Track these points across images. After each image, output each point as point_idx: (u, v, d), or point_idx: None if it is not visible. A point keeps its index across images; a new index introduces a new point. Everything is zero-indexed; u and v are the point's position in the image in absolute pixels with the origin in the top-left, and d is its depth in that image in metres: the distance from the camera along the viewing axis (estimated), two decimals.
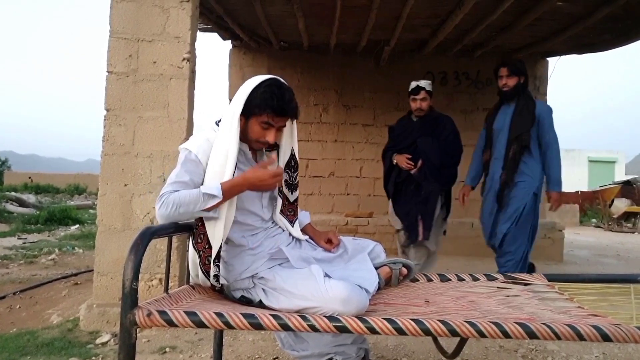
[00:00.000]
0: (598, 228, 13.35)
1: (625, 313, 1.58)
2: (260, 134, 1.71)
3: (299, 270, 1.72)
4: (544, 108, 3.34)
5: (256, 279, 1.72)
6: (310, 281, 1.62)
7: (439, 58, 6.53)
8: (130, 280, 1.46)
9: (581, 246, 8.46)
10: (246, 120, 1.71)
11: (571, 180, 20.54)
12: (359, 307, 1.57)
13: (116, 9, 3.20)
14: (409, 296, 1.85)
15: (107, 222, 3.19)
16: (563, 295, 1.77)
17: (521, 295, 1.77)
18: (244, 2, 4.57)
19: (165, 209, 1.59)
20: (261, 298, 1.70)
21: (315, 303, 1.57)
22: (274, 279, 1.69)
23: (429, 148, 3.57)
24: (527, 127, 3.25)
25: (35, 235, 8.59)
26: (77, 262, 5.98)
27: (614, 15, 4.80)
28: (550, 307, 1.58)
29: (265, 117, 1.67)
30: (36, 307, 4.03)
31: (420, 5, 4.61)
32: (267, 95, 1.66)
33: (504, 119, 3.41)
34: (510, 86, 3.33)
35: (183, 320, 1.42)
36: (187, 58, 3.19)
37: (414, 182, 3.61)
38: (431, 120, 3.66)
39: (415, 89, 3.59)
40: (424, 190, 3.57)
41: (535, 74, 6.76)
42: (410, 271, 2.01)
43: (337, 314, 1.53)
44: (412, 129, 3.69)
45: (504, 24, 5.26)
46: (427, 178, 3.56)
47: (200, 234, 1.70)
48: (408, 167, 3.57)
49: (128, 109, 3.19)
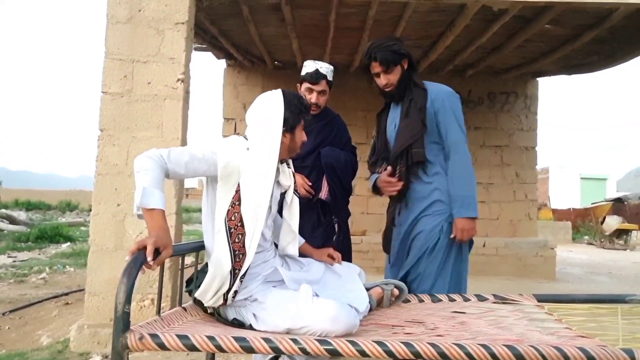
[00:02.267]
0: (591, 245, 13.44)
1: (613, 334, 1.60)
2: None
3: (290, 292, 1.73)
4: (440, 93, 2.27)
5: (249, 301, 1.72)
6: (299, 301, 1.63)
7: (430, 77, 6.49)
8: (122, 303, 1.46)
9: (574, 264, 8.51)
10: (291, 134, 1.80)
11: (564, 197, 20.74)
12: (348, 326, 1.57)
13: (112, 30, 3.25)
14: (400, 317, 1.87)
15: (100, 242, 3.18)
16: (552, 316, 1.79)
17: (511, 316, 1.79)
18: (238, 23, 4.65)
19: (143, 161, 1.59)
20: (251, 322, 1.70)
21: (303, 322, 1.57)
22: (265, 301, 1.69)
23: (338, 163, 2.60)
24: (417, 135, 2.22)
25: (26, 254, 8.51)
26: (68, 281, 5.92)
27: (601, 38, 4.92)
28: (539, 329, 1.60)
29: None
30: (26, 327, 3.98)
31: (412, 27, 4.71)
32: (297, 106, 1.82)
33: (395, 124, 2.40)
34: (394, 82, 2.29)
35: (175, 344, 1.43)
36: (182, 79, 3.23)
37: (316, 211, 2.59)
38: (329, 119, 2.69)
39: (315, 75, 2.53)
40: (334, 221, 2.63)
41: (526, 93, 6.89)
42: (402, 292, 2.02)
43: (325, 333, 1.54)
44: (307, 130, 2.79)
45: (494, 45, 5.37)
46: (337, 205, 2.62)
47: (239, 234, 1.67)
48: (306, 195, 2.49)
49: (122, 129, 3.22)
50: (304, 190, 2.48)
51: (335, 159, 2.58)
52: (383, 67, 2.25)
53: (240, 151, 1.71)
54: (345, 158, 2.62)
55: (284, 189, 1.90)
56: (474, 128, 6.74)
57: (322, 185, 2.58)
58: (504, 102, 6.82)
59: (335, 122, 2.71)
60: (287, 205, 1.90)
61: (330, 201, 2.57)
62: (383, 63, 2.24)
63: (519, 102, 6.86)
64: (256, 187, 1.68)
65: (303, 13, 4.38)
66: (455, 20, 4.43)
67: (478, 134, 6.76)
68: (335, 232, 2.60)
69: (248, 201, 1.67)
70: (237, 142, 1.75)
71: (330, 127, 2.66)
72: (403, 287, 2.02)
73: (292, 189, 1.90)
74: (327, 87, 2.59)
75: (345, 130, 2.75)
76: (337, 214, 2.62)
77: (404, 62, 2.28)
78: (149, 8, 3.24)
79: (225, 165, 1.67)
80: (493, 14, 4.17)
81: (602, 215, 13.95)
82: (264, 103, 1.81)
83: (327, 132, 2.65)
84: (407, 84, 2.30)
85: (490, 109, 6.80)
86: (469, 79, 6.68)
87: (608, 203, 16.14)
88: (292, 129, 1.80)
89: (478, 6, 3.86)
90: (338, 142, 2.66)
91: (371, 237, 6.15)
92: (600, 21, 4.45)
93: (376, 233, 6.59)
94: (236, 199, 1.68)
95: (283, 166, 1.88)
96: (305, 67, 2.59)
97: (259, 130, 1.76)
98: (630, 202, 16.89)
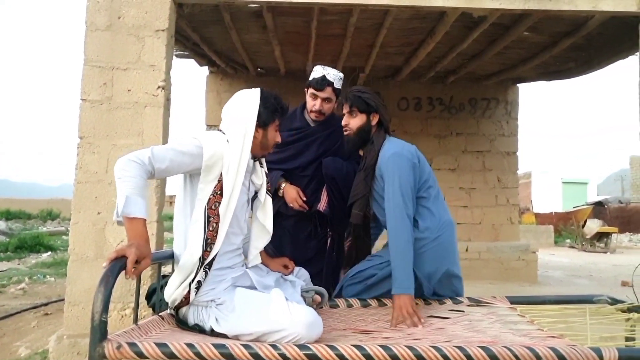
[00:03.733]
0: (572, 248, 13.66)
1: (582, 334, 1.64)
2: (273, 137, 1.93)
3: (259, 295, 1.74)
4: (385, 158, 2.14)
5: (215, 304, 1.72)
6: (273, 305, 1.65)
7: (413, 84, 6.71)
8: (99, 312, 1.46)
9: (555, 267, 8.64)
10: (264, 130, 1.85)
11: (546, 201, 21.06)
12: (319, 332, 1.63)
13: (91, 37, 3.22)
14: (377, 323, 1.88)
15: (80, 251, 3.14)
16: (524, 318, 1.83)
17: (485, 320, 1.82)
18: (220, 30, 4.65)
19: (123, 167, 1.58)
20: (212, 325, 1.68)
21: (279, 326, 1.58)
22: (232, 303, 1.69)
23: (339, 174, 2.46)
24: (359, 195, 2.20)
25: (5, 264, 8.35)
26: (48, 291, 5.83)
27: (577, 45, 5.04)
28: (512, 331, 1.64)
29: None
30: (3, 339, 3.91)
31: (393, 34, 4.76)
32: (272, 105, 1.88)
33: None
34: (353, 127, 2.24)
35: (154, 352, 1.42)
36: (162, 86, 3.21)
37: (312, 225, 2.51)
38: (334, 128, 2.54)
39: (320, 82, 2.45)
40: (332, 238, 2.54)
41: (507, 99, 7.01)
42: (324, 298, 2.07)
43: (298, 337, 1.56)
44: (311, 139, 2.56)
45: (475, 52, 5.46)
46: (335, 218, 2.51)
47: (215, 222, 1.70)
48: (299, 209, 2.45)
49: (102, 136, 3.19)
50: (297, 204, 2.42)
51: (337, 170, 2.46)
52: (347, 109, 2.27)
53: (222, 143, 1.76)
54: (347, 169, 2.47)
55: (256, 188, 1.93)
56: (455, 134, 6.82)
57: (322, 197, 2.50)
58: (485, 108, 6.92)
59: (341, 131, 2.51)
60: (260, 204, 1.92)
61: (328, 213, 2.48)
62: (350, 104, 2.26)
63: (499, 108, 6.97)
64: (231, 178, 1.72)
65: (285, 20, 4.40)
66: (436, 27, 4.49)
67: (460, 140, 6.84)
68: (329, 245, 2.53)
69: (225, 190, 1.71)
70: (219, 135, 1.80)
71: (335, 137, 2.54)
72: (324, 292, 2.06)
73: (264, 189, 1.93)
74: (333, 95, 2.50)
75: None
76: (334, 227, 2.53)
77: (373, 115, 2.25)
78: (129, 15, 3.22)
79: (212, 155, 1.71)
80: (473, 21, 4.24)
81: (583, 218, 14.19)
82: (242, 98, 1.88)
83: (332, 142, 2.56)
84: (367, 137, 2.24)
85: (472, 114, 6.90)
86: (451, 85, 6.77)
87: (589, 207, 16.44)
88: (265, 125, 1.86)
89: (458, 13, 3.92)
90: (343, 151, 2.51)
91: None
92: (577, 29, 4.55)
93: None
94: (218, 188, 1.72)
95: (256, 164, 1.92)
96: (314, 72, 2.52)
97: (234, 123, 1.82)
98: (610, 205, 17.26)
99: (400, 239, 1.97)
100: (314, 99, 2.50)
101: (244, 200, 1.85)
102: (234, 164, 1.73)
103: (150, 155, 1.63)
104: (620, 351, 1.38)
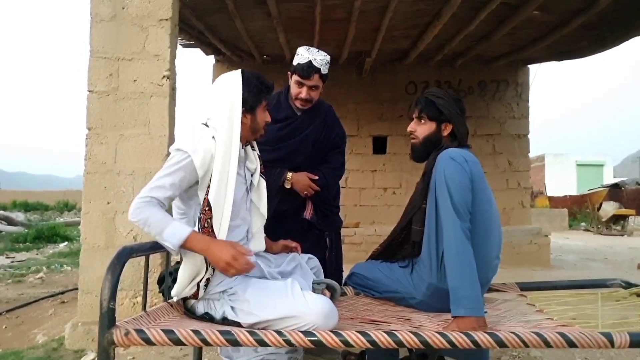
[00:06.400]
0: (587, 232, 13.49)
1: (594, 321, 1.61)
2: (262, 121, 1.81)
3: (274, 283, 1.72)
4: (441, 164, 1.80)
5: (227, 294, 1.70)
6: (289, 294, 1.62)
7: (420, 68, 6.63)
8: (107, 300, 1.48)
9: (569, 250, 8.55)
10: (252, 114, 1.75)
11: (560, 185, 20.79)
12: (335, 322, 1.59)
13: (96, 28, 3.23)
14: (386, 313, 1.86)
15: (91, 240, 3.19)
16: (534, 307, 1.80)
17: (493, 311, 1.78)
18: (224, 18, 4.63)
19: (135, 217, 1.59)
20: (227, 314, 1.67)
21: (296, 314, 1.56)
22: (244, 293, 1.67)
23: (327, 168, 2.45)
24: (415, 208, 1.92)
25: (24, 254, 8.54)
26: (65, 280, 5.95)
27: (590, 24, 4.92)
28: (521, 323, 1.60)
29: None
30: (22, 326, 4.01)
31: (399, 17, 4.70)
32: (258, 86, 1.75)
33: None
34: (419, 136, 1.97)
35: (160, 339, 1.44)
36: (167, 76, 3.22)
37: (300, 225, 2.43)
38: (321, 116, 2.46)
39: (307, 69, 2.24)
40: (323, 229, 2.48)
41: (517, 80, 6.90)
42: (335, 292, 1.95)
43: (315, 327, 1.53)
44: (303, 134, 2.42)
45: (483, 33, 5.37)
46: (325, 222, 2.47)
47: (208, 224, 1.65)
48: (311, 193, 2.39)
49: (109, 127, 3.21)
50: (312, 190, 2.34)
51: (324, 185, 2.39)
52: (416, 114, 1.98)
53: (208, 142, 1.66)
54: (331, 179, 2.42)
55: (250, 172, 1.86)
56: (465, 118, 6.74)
57: (307, 205, 2.41)
58: (495, 91, 6.82)
59: (328, 117, 2.48)
60: (254, 188, 1.87)
61: (316, 220, 2.41)
62: (420, 109, 1.97)
63: (510, 90, 6.86)
64: (221, 171, 1.64)
65: (288, 6, 4.36)
66: (442, 9, 4.42)
67: (469, 123, 6.57)
68: (327, 246, 2.46)
69: (214, 185, 1.63)
70: (203, 134, 1.69)
71: (325, 125, 2.44)
72: (336, 286, 1.96)
73: (258, 172, 1.87)
74: (320, 82, 2.30)
75: (336, 125, 2.51)
76: (329, 227, 2.46)
77: (445, 125, 1.94)
78: (133, 5, 3.22)
79: (202, 163, 1.63)
80: (480, 1, 4.17)
81: (598, 201, 13.99)
82: (222, 84, 1.75)
83: (324, 133, 2.44)
84: (434, 148, 1.92)
85: (482, 97, 6.81)
86: (459, 68, 6.68)
87: (604, 189, 16.19)
88: (253, 109, 1.75)
89: None
90: (327, 138, 2.45)
91: (364, 229, 6.17)
92: (588, 6, 4.44)
93: (369, 225, 6.61)
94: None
95: (247, 149, 1.85)
96: (298, 55, 2.29)
97: (218, 113, 1.71)
98: (627, 187, 16.95)
99: (463, 253, 1.67)
100: (300, 86, 2.30)
101: (242, 190, 1.79)
102: (225, 155, 1.65)
103: (148, 193, 1.61)
104: (632, 335, 1.33)
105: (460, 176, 1.73)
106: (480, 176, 1.79)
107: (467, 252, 1.66)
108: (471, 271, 1.64)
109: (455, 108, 1.96)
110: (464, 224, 1.69)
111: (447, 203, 1.71)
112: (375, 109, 6.73)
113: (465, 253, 1.66)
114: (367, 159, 6.94)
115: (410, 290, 1.90)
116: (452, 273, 1.66)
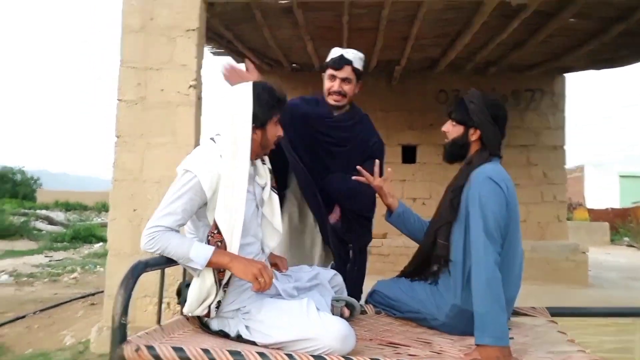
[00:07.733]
0: (631, 247, 12.82)
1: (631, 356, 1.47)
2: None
3: (289, 303, 1.66)
4: (477, 184, 1.74)
5: (241, 313, 1.67)
6: (305, 315, 1.57)
7: (451, 76, 6.51)
8: (119, 315, 1.49)
9: (610, 267, 8.12)
10: (262, 130, 1.69)
11: (601, 197, 19.95)
12: (353, 345, 1.52)
13: (126, 39, 3.33)
14: (406, 335, 1.80)
15: (117, 247, 3.27)
16: (565, 335, 1.66)
17: (519, 339, 1.67)
18: (252, 27, 4.68)
19: (151, 247, 1.58)
20: (241, 333, 1.64)
21: (312, 336, 1.51)
22: (259, 313, 1.63)
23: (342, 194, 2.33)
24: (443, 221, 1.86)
25: (61, 253, 8.86)
26: (97, 281, 6.11)
27: (630, 31, 4.71)
28: (549, 355, 1.49)
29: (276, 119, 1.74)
30: (53, 327, 4.14)
31: (428, 26, 4.63)
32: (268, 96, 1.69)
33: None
34: (449, 139, 1.94)
35: (170, 356, 1.44)
36: (194, 85, 3.28)
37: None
38: (355, 117, 2.37)
39: (338, 61, 2.24)
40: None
41: (553, 90, 6.67)
42: (354, 311, 1.89)
43: (331, 350, 1.48)
44: (332, 131, 2.33)
45: (516, 42, 5.22)
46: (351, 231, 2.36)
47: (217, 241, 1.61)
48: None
49: (137, 135, 3.29)
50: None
51: (337, 191, 2.29)
52: (450, 115, 1.93)
53: (214, 162, 1.62)
54: (349, 185, 2.23)
55: (261, 187, 1.80)
56: None
57: (334, 209, 2.33)
58: (530, 100, 6.61)
59: (364, 123, 2.38)
60: (265, 203, 1.81)
61: (339, 228, 2.31)
62: (450, 110, 1.93)
63: (545, 100, 6.64)
64: (229, 192, 1.59)
65: (315, 15, 4.37)
66: (473, 17, 4.33)
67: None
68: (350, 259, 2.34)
69: (221, 205, 1.59)
70: (209, 154, 1.65)
71: (357, 128, 2.35)
72: (355, 304, 1.90)
73: (268, 187, 1.81)
74: (352, 75, 2.24)
75: (372, 134, 2.39)
76: (354, 240, 2.35)
77: (473, 130, 1.86)
78: (161, 16, 3.30)
79: (210, 185, 1.59)
80: (512, 9, 4.06)
81: None
82: (233, 99, 1.69)
83: (353, 135, 2.34)
84: (460, 152, 1.89)
85: (515, 107, 6.60)
86: (492, 77, 6.51)
87: None
88: (263, 125, 1.69)
89: (495, 3, 3.76)
90: (362, 144, 2.34)
91: (392, 239, 6.07)
92: (629, 13, 4.25)
93: (397, 236, 6.50)
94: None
95: (257, 162, 1.79)
96: (330, 54, 2.30)
97: (227, 129, 1.65)
98: None
99: (492, 280, 1.60)
100: (332, 80, 2.25)
101: (252, 207, 1.73)
102: (232, 175, 1.60)
103: (159, 222, 1.57)
104: None
105: (497, 198, 1.69)
106: (514, 195, 1.76)
107: (497, 278, 1.60)
108: (499, 299, 1.58)
109: (486, 114, 1.85)
110: (496, 248, 1.63)
111: (480, 226, 1.65)
112: (405, 118, 6.64)
113: (494, 280, 1.60)
114: (396, 168, 6.84)
115: (433, 312, 1.84)
116: (479, 299, 1.60)
